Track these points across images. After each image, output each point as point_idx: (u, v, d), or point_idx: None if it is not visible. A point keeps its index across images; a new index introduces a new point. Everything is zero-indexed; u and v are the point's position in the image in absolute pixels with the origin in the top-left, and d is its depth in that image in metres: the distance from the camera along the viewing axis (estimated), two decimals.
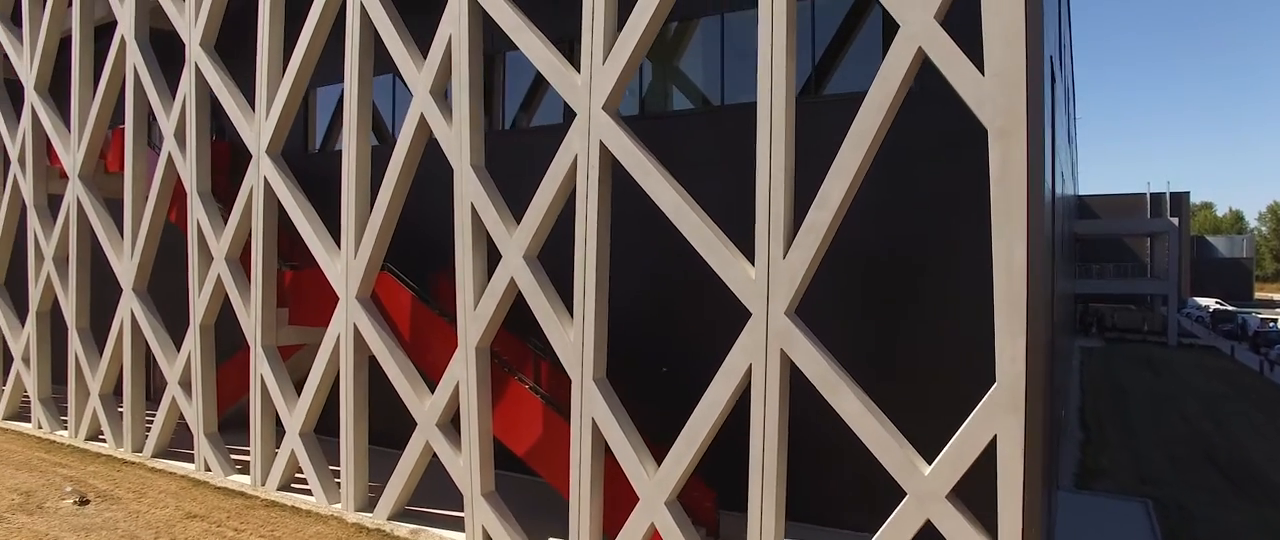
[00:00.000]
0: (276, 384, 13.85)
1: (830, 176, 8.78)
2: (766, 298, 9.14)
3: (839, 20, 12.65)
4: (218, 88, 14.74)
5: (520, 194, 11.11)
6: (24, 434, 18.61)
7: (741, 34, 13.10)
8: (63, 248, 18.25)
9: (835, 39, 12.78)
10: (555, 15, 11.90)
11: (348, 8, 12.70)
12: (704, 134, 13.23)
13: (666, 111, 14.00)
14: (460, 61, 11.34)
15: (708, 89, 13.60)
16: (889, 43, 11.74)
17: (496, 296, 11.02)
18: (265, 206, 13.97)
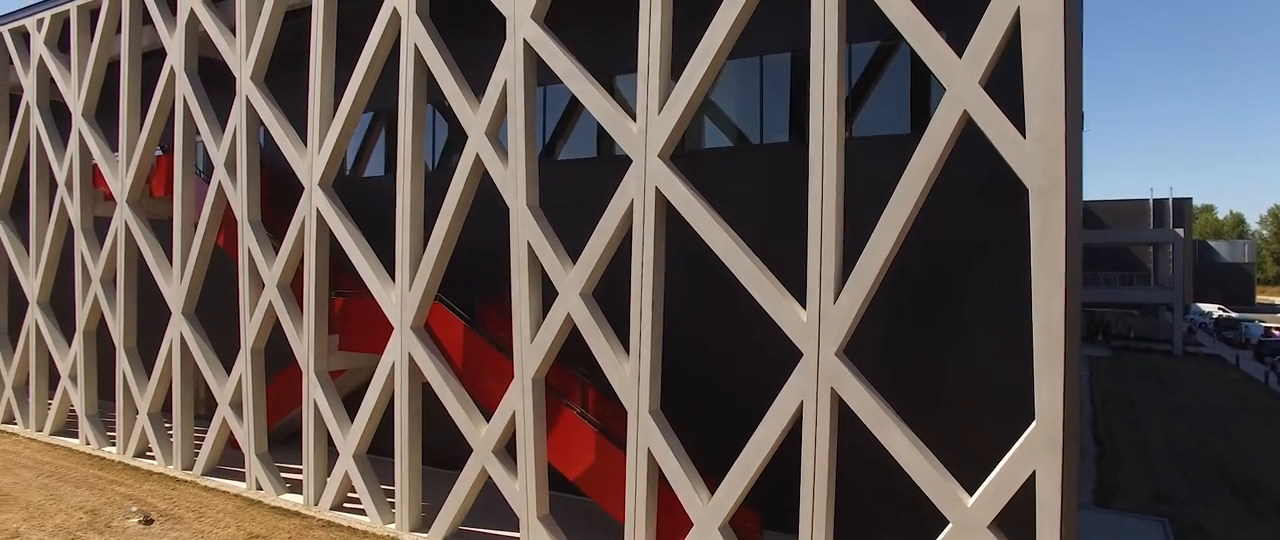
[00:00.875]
0: (329, 408, 14.46)
1: (880, 227, 9.41)
2: (817, 339, 9.77)
3: (863, 64, 13.25)
4: (269, 121, 15.34)
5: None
6: (73, 450, 19.18)
7: (776, 75, 13.72)
8: (109, 269, 18.84)
9: (860, 82, 13.40)
10: (593, 54, 12.49)
11: (402, 50, 13.29)
12: (737, 171, 13.78)
13: (700, 148, 14.54)
14: (516, 106, 11.95)
15: (741, 126, 14.20)
16: (916, 89, 12.58)
17: (553, 331, 11.64)
18: (318, 237, 14.58)
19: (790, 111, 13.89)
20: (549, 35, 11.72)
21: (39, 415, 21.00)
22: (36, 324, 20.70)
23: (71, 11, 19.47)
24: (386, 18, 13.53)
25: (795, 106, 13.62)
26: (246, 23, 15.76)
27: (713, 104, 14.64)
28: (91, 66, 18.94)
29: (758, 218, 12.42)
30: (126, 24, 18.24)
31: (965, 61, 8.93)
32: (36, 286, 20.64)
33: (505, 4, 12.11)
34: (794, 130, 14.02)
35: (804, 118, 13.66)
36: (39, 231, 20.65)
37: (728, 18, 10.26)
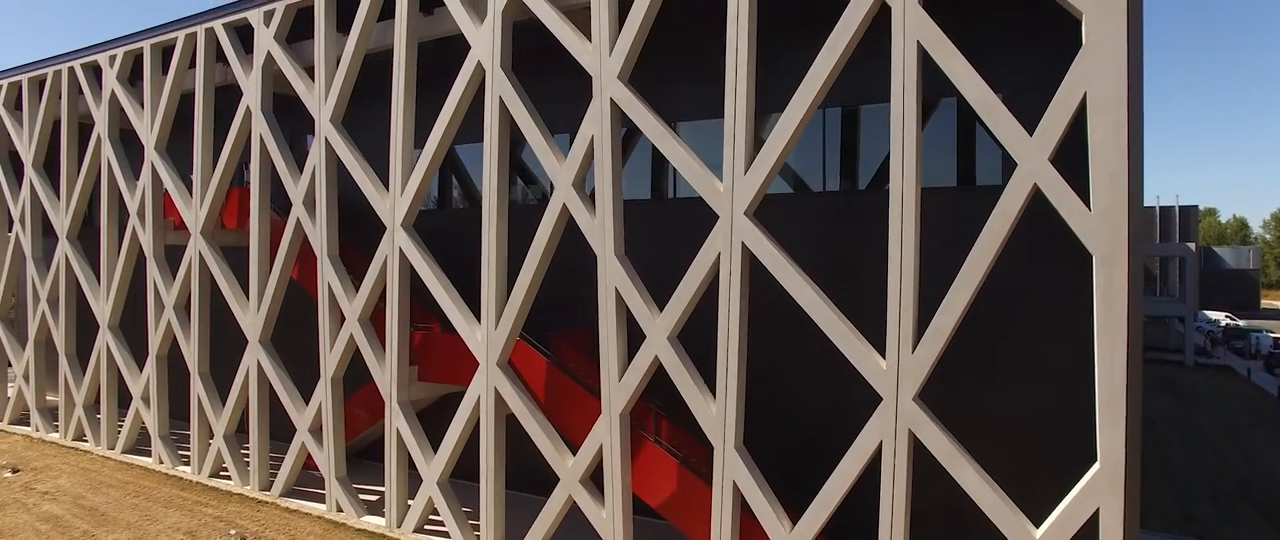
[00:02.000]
0: (412, 437, 15.45)
1: (955, 288, 10.41)
2: (896, 386, 10.78)
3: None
4: (349, 163, 16.30)
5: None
6: (148, 468, 20.13)
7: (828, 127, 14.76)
8: (182, 297, 19.80)
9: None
10: (659, 103, 13.48)
11: (487, 102, 14.26)
12: (793, 215, 14.77)
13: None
14: (603, 160, 12.94)
15: (796, 172, 15.21)
16: (962, 145, 13.65)
17: (640, 371, 12.64)
18: (400, 275, 15.56)
19: (841, 162, 14.99)
20: (635, 95, 12.72)
21: (110, 434, 21.97)
22: (108, 347, 21.67)
23: (145, 49, 20.42)
24: (470, 69, 14.51)
25: (845, 157, 14.76)
26: (325, 68, 16.73)
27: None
28: (165, 102, 19.89)
29: (812, 259, 13.29)
30: (201, 64, 19.21)
31: (1036, 140, 9.95)
32: (107, 311, 21.60)
33: (592, 65, 13.10)
34: (845, 178, 15.11)
35: (854, 167, 14.96)
36: (109, 258, 21.61)
37: (810, 93, 11.26)
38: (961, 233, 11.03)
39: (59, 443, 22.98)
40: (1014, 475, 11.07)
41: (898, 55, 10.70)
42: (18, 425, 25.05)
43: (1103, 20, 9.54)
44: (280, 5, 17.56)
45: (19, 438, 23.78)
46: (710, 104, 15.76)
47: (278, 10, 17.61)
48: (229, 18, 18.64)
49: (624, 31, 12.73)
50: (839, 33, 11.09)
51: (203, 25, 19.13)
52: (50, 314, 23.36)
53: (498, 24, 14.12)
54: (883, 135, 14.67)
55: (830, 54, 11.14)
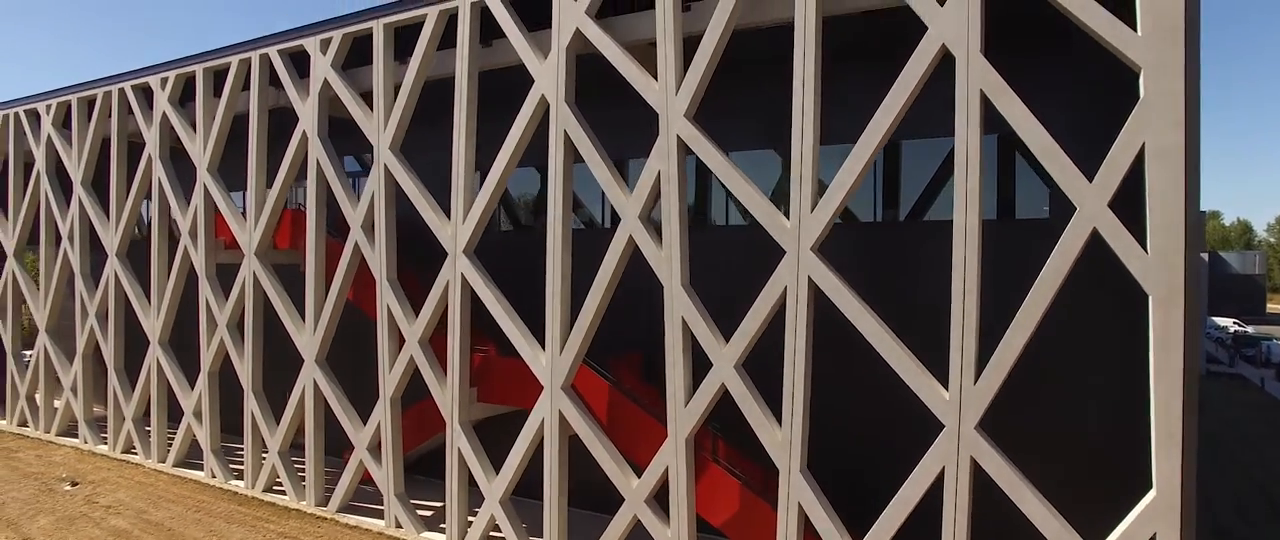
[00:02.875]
0: (473, 456, 16.08)
1: (1016, 323, 11.01)
2: (959, 415, 11.42)
3: (944, 155, 14.98)
4: (410, 190, 16.91)
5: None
6: (201, 483, 20.74)
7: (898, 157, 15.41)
8: (235, 315, 20.42)
9: (941, 170, 15.18)
10: (717, 136, 14.12)
11: (551, 136, 14.87)
12: (835, 244, 15.35)
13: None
14: (670, 196, 13.57)
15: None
16: (1003, 180, 14.36)
17: (707, 398, 13.28)
18: (461, 299, 16.18)
19: (883, 193, 15.69)
20: (702, 133, 13.35)
21: (160, 448, 22.58)
22: (158, 362, 22.29)
23: (197, 72, 21.04)
24: (534, 103, 15.14)
25: (887, 188, 15.49)
26: (384, 97, 17.34)
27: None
28: (217, 125, 20.51)
29: (854, 285, 13.87)
30: (255, 89, 19.82)
31: (1095, 186, 10.57)
32: (158, 327, 22.21)
33: (659, 103, 13.73)
34: (886, 208, 15.78)
35: (896, 198, 15.67)
36: (160, 276, 22.22)
37: (873, 138, 11.90)
38: (1003, 263, 11.71)
39: (108, 455, 23.60)
40: (1048, 494, 11.70)
41: (961, 102, 11.32)
42: (64, 436, 25.65)
43: (1162, 76, 10.17)
44: (337, 34, 18.18)
45: (69, 449, 24.39)
46: (754, 136, 16.51)
47: (335, 39, 18.23)
48: (284, 45, 19.25)
49: (691, 72, 13.36)
50: (903, 80, 11.71)
51: (257, 51, 19.75)
52: (98, 329, 23.98)
53: (562, 60, 14.74)
54: (922, 168, 15.58)
55: (894, 100, 11.76)
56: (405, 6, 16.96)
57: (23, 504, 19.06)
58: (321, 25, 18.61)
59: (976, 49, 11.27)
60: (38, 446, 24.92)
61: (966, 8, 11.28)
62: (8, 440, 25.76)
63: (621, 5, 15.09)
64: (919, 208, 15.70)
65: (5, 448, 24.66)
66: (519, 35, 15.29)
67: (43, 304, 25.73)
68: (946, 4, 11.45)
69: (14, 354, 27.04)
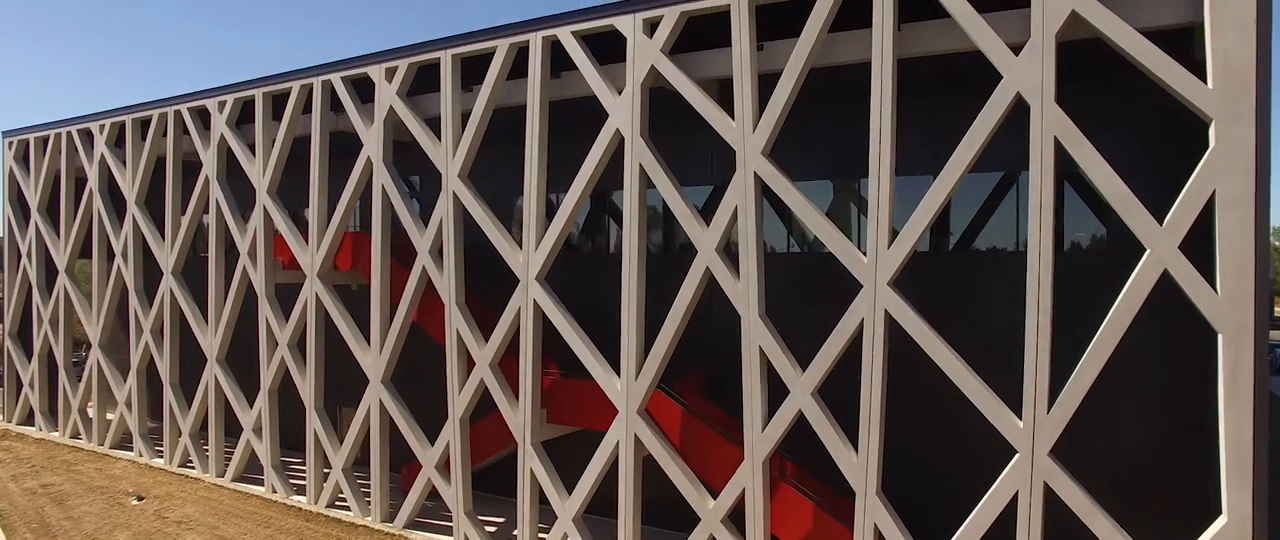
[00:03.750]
0: (546, 476, 16.86)
1: (1088, 355, 11.80)
2: (1032, 443, 12.21)
3: (989, 189, 15.82)
4: (480, 217, 17.65)
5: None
6: (263, 498, 21.50)
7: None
8: (296, 334, 21.16)
9: (986, 203, 16.04)
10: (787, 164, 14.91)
11: (626, 169, 15.62)
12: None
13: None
14: (747, 231, 14.32)
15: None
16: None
17: (784, 424, 14.06)
18: (534, 324, 16.93)
19: (933, 226, 16.51)
20: (779, 171, 14.11)
21: (218, 462, 23.34)
22: (216, 379, 23.04)
23: (257, 97, 21.75)
24: (609, 136, 15.89)
25: (937, 220, 16.31)
26: (452, 126, 18.07)
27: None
28: (278, 148, 21.23)
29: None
30: (317, 112, 20.55)
31: (1166, 229, 11.34)
32: (216, 344, 22.97)
33: (736, 140, 14.48)
34: (938, 238, 16.56)
35: (945, 229, 16.51)
36: (217, 294, 22.96)
37: (948, 182, 12.67)
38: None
39: (165, 468, 24.36)
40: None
41: (1036, 148, 12.08)
42: (119, 449, 26.40)
43: (1233, 127, 10.93)
44: (403, 62, 18.90)
45: (126, 463, 25.14)
46: (807, 166, 17.23)
47: (401, 68, 18.95)
48: (348, 72, 19.97)
49: (767, 112, 14.11)
50: (977, 128, 12.47)
51: (320, 77, 20.47)
52: (154, 345, 24.72)
53: (637, 95, 15.49)
54: (969, 201, 16.40)
55: (969, 146, 12.53)
56: (475, 38, 17.69)
57: (97, 518, 19.81)
58: (387, 54, 19.33)
59: (1051, 98, 12.03)
60: (95, 459, 25.67)
61: (1042, 59, 12.05)
62: (64, 452, 26.51)
63: (686, 42, 15.83)
64: (966, 239, 16.51)
65: (64, 460, 25.41)
66: (593, 70, 16.02)
67: (96, 319, 26.47)
68: (1021, 54, 12.21)
69: (66, 367, 27.77)
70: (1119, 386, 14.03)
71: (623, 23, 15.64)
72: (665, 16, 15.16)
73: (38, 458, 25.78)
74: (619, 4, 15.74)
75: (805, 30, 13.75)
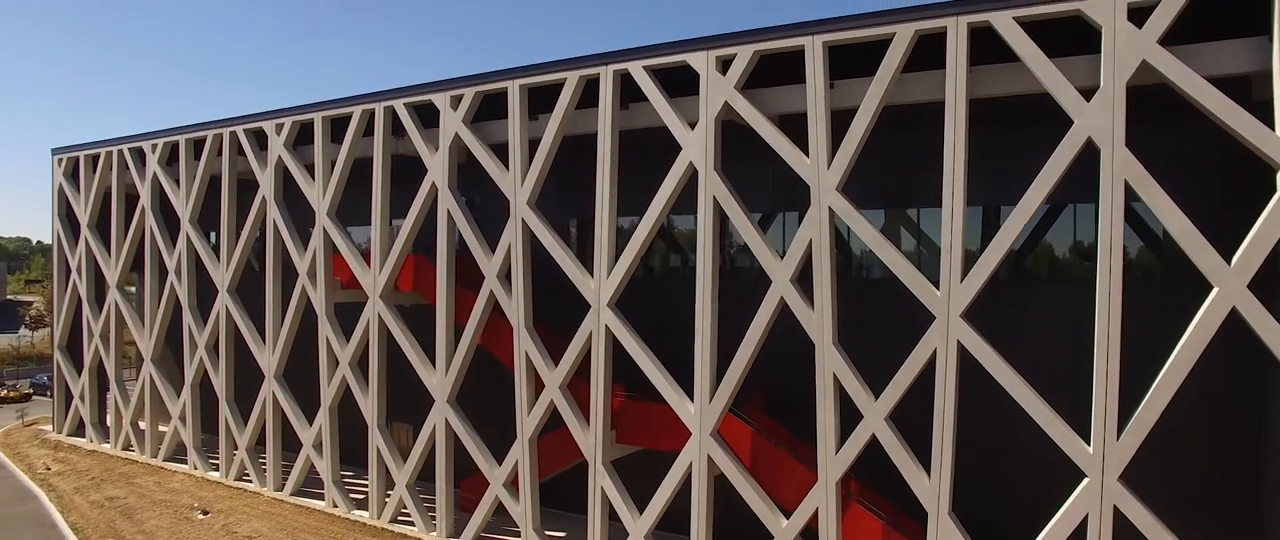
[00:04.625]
0: (618, 495, 17.74)
1: (1157, 386, 12.68)
2: (1102, 468, 13.10)
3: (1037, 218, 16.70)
4: (550, 244, 18.49)
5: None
6: (324, 512, 22.35)
7: None
8: (357, 354, 21.99)
9: (1036, 230, 17.00)
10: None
11: (700, 200, 16.45)
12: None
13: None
14: (822, 264, 15.19)
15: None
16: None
17: (857, 446, 14.95)
18: (605, 349, 17.79)
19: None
20: (852, 206, 14.97)
21: (276, 476, 24.20)
22: (273, 395, 23.89)
23: (316, 120, 22.57)
24: (682, 169, 16.73)
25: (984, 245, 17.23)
26: (520, 153, 18.90)
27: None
28: (338, 171, 22.05)
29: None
30: (379, 137, 21.37)
31: (1235, 269, 12.22)
32: (274, 362, 23.81)
33: (810, 176, 15.34)
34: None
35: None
36: (275, 313, 23.79)
37: (1018, 221, 13.54)
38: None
39: (221, 482, 25.21)
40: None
41: (1105, 191, 12.95)
42: (172, 462, 27.25)
43: None
44: (469, 91, 19.73)
45: (182, 476, 26.00)
46: (861, 194, 17.98)
47: (466, 95, 19.79)
48: (411, 98, 20.79)
49: (841, 150, 14.97)
50: (1049, 170, 13.32)
51: (381, 103, 21.29)
52: (208, 360, 25.56)
53: (710, 130, 16.34)
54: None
55: (1038, 190, 13.40)
56: (544, 70, 18.51)
57: (168, 533, 20.67)
58: (451, 82, 20.15)
59: (1121, 142, 12.90)
60: (150, 471, 26.52)
61: (1112, 106, 12.92)
62: (119, 464, 27.36)
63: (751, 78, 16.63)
64: (1015, 268, 17.42)
65: (121, 473, 26.27)
66: (665, 104, 16.86)
67: (148, 334, 27.30)
68: (1093, 100, 13.08)
69: (117, 380, 28.60)
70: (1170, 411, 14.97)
71: (696, 59, 16.48)
72: (738, 55, 16.02)
73: (95, 470, 26.63)
74: (692, 41, 16.60)
75: (880, 71, 14.61)
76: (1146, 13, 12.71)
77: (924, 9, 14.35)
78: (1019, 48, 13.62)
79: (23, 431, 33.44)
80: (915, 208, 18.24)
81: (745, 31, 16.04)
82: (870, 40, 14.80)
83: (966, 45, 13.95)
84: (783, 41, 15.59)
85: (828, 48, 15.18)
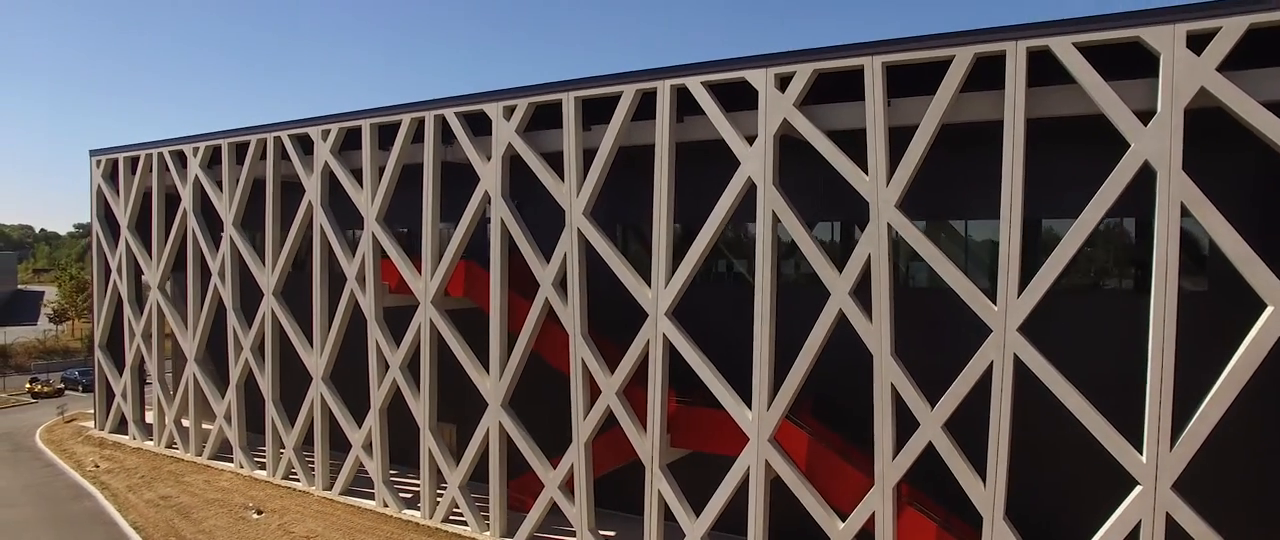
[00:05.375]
0: (675, 498, 18.55)
1: (1210, 400, 13.45)
2: (1155, 477, 13.89)
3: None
4: (606, 254, 19.19)
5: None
6: (376, 513, 23.19)
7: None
8: (407, 357, 22.73)
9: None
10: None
11: (758, 215, 17.14)
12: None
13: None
14: (880, 276, 15.91)
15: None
16: (1139, 251, 16.67)
17: (913, 454, 15.74)
18: (663, 356, 18.54)
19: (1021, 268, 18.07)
20: (910, 222, 15.67)
21: (324, 475, 25.04)
22: (321, 396, 24.67)
23: (364, 127, 23.18)
24: (741, 183, 17.39)
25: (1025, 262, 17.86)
26: (576, 164, 19.55)
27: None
28: (387, 178, 22.70)
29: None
30: (430, 145, 22.00)
31: None
32: (322, 364, 24.57)
33: (870, 193, 16.02)
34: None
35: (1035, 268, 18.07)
36: (323, 316, 24.51)
37: (1073, 244, 14.24)
38: (1138, 332, 14.00)
39: (268, 480, 26.04)
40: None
41: (1162, 212, 13.64)
42: (216, 460, 28.07)
43: None
44: (523, 102, 20.35)
45: (230, 474, 26.83)
46: (907, 208, 18.66)
47: (520, 106, 20.40)
48: (463, 108, 21.40)
49: (901, 167, 15.65)
50: (1104, 193, 14.01)
51: (432, 111, 21.90)
52: (253, 361, 26.31)
53: (769, 146, 16.99)
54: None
55: (1096, 208, 14.08)
56: (600, 83, 19.14)
57: (227, 533, 21.50)
58: (504, 93, 20.76)
59: (1178, 165, 13.58)
60: (197, 470, 27.35)
61: (1170, 130, 13.58)
62: (166, 462, 28.19)
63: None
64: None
65: (169, 471, 27.10)
66: (723, 120, 17.50)
67: (191, 335, 28.04)
68: (1150, 124, 13.74)
69: (160, 379, 29.38)
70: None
71: (755, 76, 17.11)
72: (798, 73, 16.65)
73: (143, 468, 27.46)
74: (751, 58, 17.22)
75: (939, 92, 15.27)
76: (1205, 40, 13.35)
77: (984, 32, 14.99)
78: (1077, 72, 14.27)
79: (64, 427, 34.30)
80: (959, 219, 18.88)
81: (805, 50, 16.67)
82: (929, 61, 15.46)
83: (1026, 68, 14.60)
84: (842, 61, 16.23)
85: (886, 67, 15.83)
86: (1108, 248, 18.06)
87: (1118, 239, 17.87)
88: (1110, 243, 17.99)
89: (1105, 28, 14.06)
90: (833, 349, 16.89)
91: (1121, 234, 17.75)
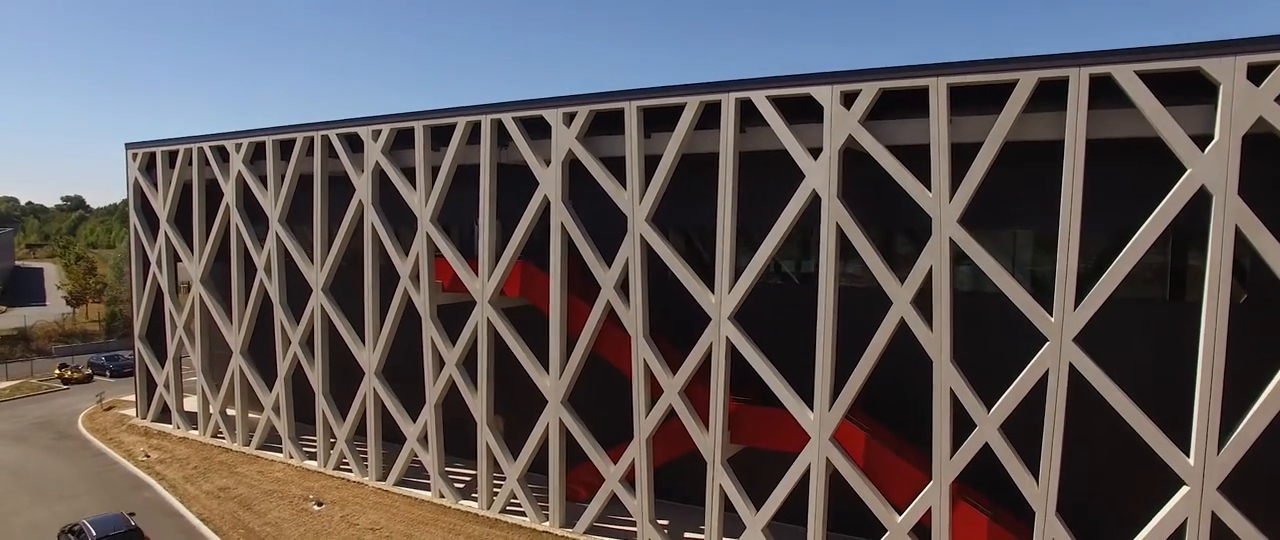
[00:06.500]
0: (736, 492, 19.83)
1: (1256, 411, 14.75)
2: (1202, 479, 15.24)
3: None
4: (669, 259, 20.19)
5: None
6: (434, 504, 24.37)
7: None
8: (463, 354, 23.75)
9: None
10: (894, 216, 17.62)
11: (823, 227, 18.17)
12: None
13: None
14: (941, 288, 17.04)
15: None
16: (1176, 262, 17.85)
17: (970, 453, 17.04)
18: (725, 358, 19.66)
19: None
20: (972, 238, 16.76)
21: (377, 467, 26.17)
22: (374, 390, 25.70)
23: (417, 129, 23.92)
24: (805, 194, 18.39)
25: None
26: (638, 170, 20.44)
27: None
28: (442, 179, 23.51)
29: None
30: (486, 149, 22.79)
31: None
32: (375, 360, 25.57)
33: (932, 208, 17.08)
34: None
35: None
36: (375, 313, 25.43)
37: (1133, 256, 15.39)
38: (1171, 338, 15.23)
39: (321, 472, 27.13)
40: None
41: (1217, 235, 14.80)
42: (264, 451, 29.12)
43: None
44: (584, 109, 21.17)
45: (281, 465, 27.89)
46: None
47: (579, 114, 21.22)
48: (521, 113, 22.17)
49: (964, 184, 16.70)
50: (1160, 215, 15.13)
51: (488, 115, 22.66)
52: (302, 354, 27.24)
53: (834, 161, 17.97)
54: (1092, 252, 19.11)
55: (1153, 228, 15.22)
56: (664, 93, 19.99)
57: (293, 524, 22.62)
58: (563, 100, 21.54)
59: (1233, 191, 14.71)
60: (247, 460, 28.39)
61: (1227, 157, 14.68)
62: (216, 453, 29.21)
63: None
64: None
65: (221, 461, 28.13)
66: (787, 133, 18.43)
67: (237, 328, 28.89)
68: (1208, 151, 14.83)
69: (204, 371, 30.26)
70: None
71: (820, 92, 18.03)
72: (863, 90, 17.58)
73: (194, 458, 28.47)
74: (817, 74, 18.11)
75: (1003, 113, 16.28)
76: (1265, 71, 14.41)
77: (1048, 58, 15.98)
78: (1138, 99, 15.30)
79: (104, 415, 35.15)
80: (1008, 229, 19.97)
81: (870, 69, 17.60)
82: (992, 84, 16.44)
83: (1087, 93, 15.62)
84: (907, 81, 17.17)
85: (950, 88, 16.79)
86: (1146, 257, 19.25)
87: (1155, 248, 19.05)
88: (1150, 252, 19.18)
89: (1168, 57, 15.06)
90: (887, 350, 18.11)
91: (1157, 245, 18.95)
